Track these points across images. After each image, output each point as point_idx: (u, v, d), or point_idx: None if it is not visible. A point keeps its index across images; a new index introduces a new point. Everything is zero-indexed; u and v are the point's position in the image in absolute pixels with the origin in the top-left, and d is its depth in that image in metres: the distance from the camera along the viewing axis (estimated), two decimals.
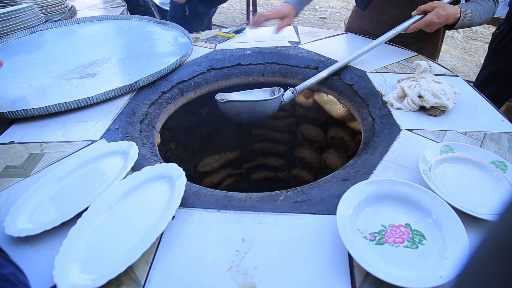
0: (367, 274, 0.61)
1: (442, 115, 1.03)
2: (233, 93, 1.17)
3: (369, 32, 1.66)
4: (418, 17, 1.27)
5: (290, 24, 1.48)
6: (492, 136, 0.95)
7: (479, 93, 1.16)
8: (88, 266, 0.64)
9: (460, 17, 1.25)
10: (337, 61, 1.27)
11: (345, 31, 1.76)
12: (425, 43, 1.61)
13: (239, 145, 1.90)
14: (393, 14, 1.51)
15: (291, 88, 1.20)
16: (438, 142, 0.92)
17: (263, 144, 1.90)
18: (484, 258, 0.19)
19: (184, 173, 0.78)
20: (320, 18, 5.50)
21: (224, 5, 5.93)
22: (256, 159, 1.97)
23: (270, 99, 1.12)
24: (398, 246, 0.65)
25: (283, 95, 1.17)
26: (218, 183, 1.89)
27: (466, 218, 0.68)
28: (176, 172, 0.79)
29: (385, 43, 1.33)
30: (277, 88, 1.21)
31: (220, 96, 1.13)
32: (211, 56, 1.40)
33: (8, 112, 1.05)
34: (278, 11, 1.43)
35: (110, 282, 0.60)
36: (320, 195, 0.77)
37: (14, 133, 1.03)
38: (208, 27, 2.67)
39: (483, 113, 1.05)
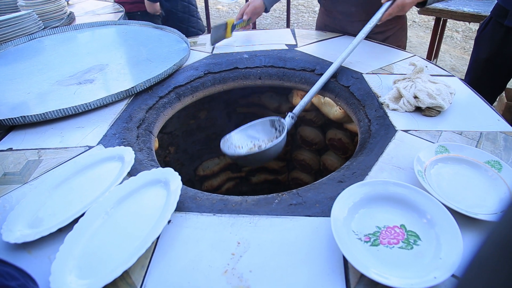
0: (362, 275, 0.61)
1: (438, 116, 1.04)
2: (233, 133, 1.13)
3: (330, 26, 1.70)
4: (388, 3, 1.26)
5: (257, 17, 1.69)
6: (488, 136, 0.95)
7: (475, 92, 1.16)
8: (85, 271, 0.64)
9: None
10: (332, 63, 1.27)
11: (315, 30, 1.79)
12: (392, 31, 1.62)
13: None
14: (347, 1, 1.55)
15: (290, 113, 1.14)
16: (433, 143, 0.92)
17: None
18: (487, 256, 0.19)
19: (179, 177, 0.78)
20: None
21: (224, 8, 5.96)
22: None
23: (277, 143, 1.03)
24: (393, 247, 0.66)
25: (284, 127, 1.10)
26: (218, 186, 1.89)
27: (461, 218, 0.68)
28: (172, 177, 0.79)
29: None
30: (277, 118, 1.13)
31: (225, 147, 1.09)
32: (208, 60, 1.40)
33: (6, 119, 1.05)
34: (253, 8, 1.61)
35: (106, 287, 0.61)
36: (316, 198, 0.78)
37: (12, 140, 1.04)
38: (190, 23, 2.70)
39: (479, 113, 1.05)
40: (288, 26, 4.34)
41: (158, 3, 2.38)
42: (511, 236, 0.18)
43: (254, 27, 4.38)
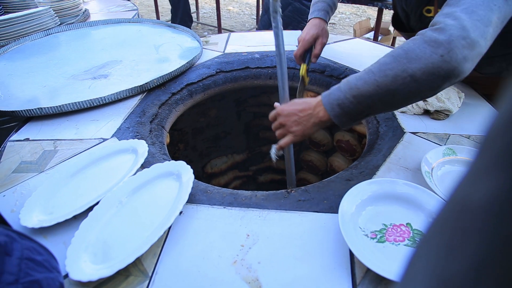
0: (368, 270, 0.63)
1: (446, 119, 1.05)
2: None
3: None
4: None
5: (325, 43, 1.25)
6: None
7: (483, 96, 1.17)
8: (98, 257, 0.67)
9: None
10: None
11: None
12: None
13: (246, 147, 1.92)
14: None
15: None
16: (441, 145, 0.94)
17: (270, 146, 1.92)
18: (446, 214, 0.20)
19: (192, 170, 0.81)
20: (330, 23, 5.52)
21: (234, 9, 5.99)
22: (263, 161, 1.99)
23: None
24: (399, 244, 0.67)
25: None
26: (226, 184, 1.91)
27: None
28: (184, 170, 0.81)
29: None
30: None
31: None
32: (220, 59, 1.43)
33: (24, 110, 1.09)
34: (308, 37, 1.20)
35: (119, 273, 0.63)
36: (324, 194, 0.79)
37: (29, 130, 1.07)
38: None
39: (487, 117, 1.06)
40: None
41: None
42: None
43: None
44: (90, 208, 0.75)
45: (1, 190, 0.85)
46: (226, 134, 1.81)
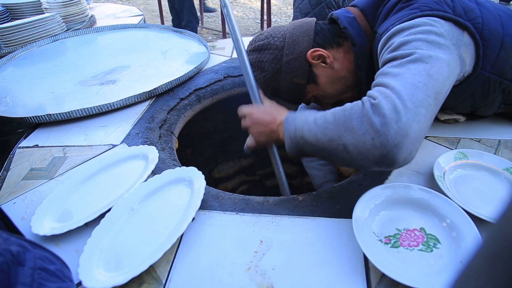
0: (383, 276, 0.62)
1: (457, 123, 1.04)
2: None
3: None
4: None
5: None
6: (507, 144, 0.96)
7: None
8: (111, 264, 0.66)
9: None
10: None
11: None
12: None
13: (253, 152, 1.92)
14: None
15: None
16: (452, 149, 0.93)
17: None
18: (479, 264, 0.19)
19: (203, 176, 0.80)
20: None
21: (238, 14, 6.01)
22: (270, 166, 1.98)
23: None
24: (413, 249, 0.67)
25: None
26: (233, 189, 1.91)
27: (480, 223, 0.69)
28: (196, 176, 0.81)
29: None
30: None
31: None
32: (227, 64, 1.43)
33: (33, 117, 1.09)
34: None
35: (132, 280, 0.63)
36: (336, 200, 0.79)
37: (38, 137, 1.08)
38: None
39: (497, 121, 1.05)
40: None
41: None
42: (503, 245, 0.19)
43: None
44: (102, 215, 0.75)
45: (11, 197, 0.86)
46: (233, 139, 1.81)
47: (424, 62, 0.67)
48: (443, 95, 0.69)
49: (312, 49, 0.92)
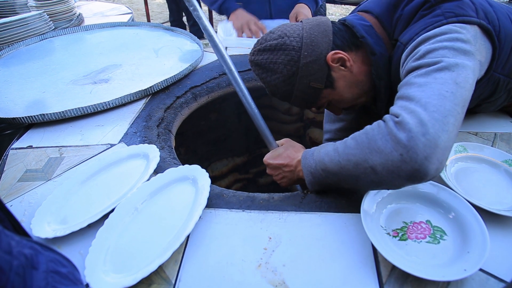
0: (393, 268, 0.63)
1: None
2: None
3: None
4: None
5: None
6: (503, 137, 0.98)
7: None
8: (118, 265, 0.65)
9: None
10: None
11: None
12: None
13: (246, 150, 1.91)
14: None
15: None
16: None
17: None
18: None
19: (207, 174, 0.80)
20: None
21: None
22: (262, 164, 1.98)
23: None
24: (421, 241, 0.67)
25: None
26: (226, 187, 1.89)
27: (484, 214, 0.70)
28: (200, 174, 0.80)
29: None
30: None
31: None
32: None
33: (26, 117, 1.06)
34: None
35: (141, 282, 0.61)
36: (341, 195, 0.79)
37: (32, 137, 1.05)
38: None
39: (492, 115, 1.07)
40: None
41: None
42: None
43: None
44: (105, 216, 0.73)
45: (7, 199, 0.83)
46: (226, 137, 1.80)
47: (451, 70, 0.67)
48: (468, 100, 0.68)
49: (333, 51, 0.85)
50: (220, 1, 1.66)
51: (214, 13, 3.95)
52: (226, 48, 1.55)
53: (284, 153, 0.90)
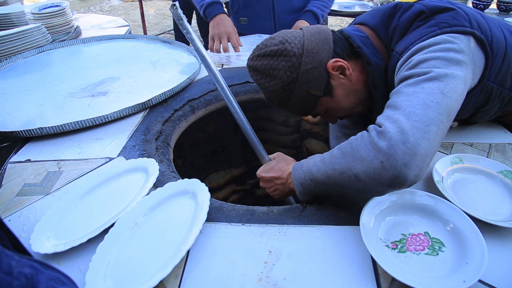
0: (393, 280, 0.63)
1: (449, 128, 1.07)
2: None
3: None
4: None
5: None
6: (497, 147, 0.99)
7: None
8: (119, 281, 0.65)
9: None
10: None
11: None
12: None
13: (244, 161, 1.92)
14: None
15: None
16: (447, 154, 0.96)
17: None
18: None
19: (207, 188, 0.80)
20: None
21: None
22: None
23: None
24: (420, 253, 0.68)
25: None
26: (224, 199, 1.90)
27: (481, 225, 0.71)
28: (199, 188, 0.81)
29: None
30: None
31: None
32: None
33: (24, 130, 1.06)
34: None
35: None
36: (340, 207, 0.80)
37: (30, 151, 1.05)
38: None
39: (487, 126, 1.09)
40: None
41: None
42: None
43: None
44: (105, 231, 0.73)
45: (5, 214, 0.83)
46: (224, 149, 1.80)
47: (439, 80, 0.69)
48: (455, 110, 0.71)
49: (333, 59, 0.86)
50: (205, 5, 1.61)
51: None
52: (222, 65, 1.56)
53: (276, 166, 0.93)
